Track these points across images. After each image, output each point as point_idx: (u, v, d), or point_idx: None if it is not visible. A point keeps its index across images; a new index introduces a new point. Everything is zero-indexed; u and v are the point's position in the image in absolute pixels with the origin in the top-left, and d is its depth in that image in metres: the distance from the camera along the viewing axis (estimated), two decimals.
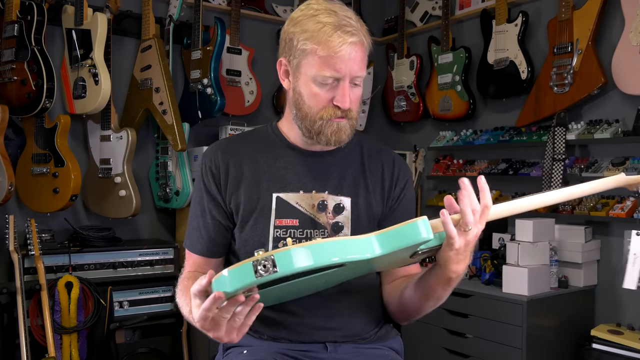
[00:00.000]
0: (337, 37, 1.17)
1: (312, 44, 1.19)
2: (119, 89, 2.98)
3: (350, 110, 1.23)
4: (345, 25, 1.18)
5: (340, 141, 1.25)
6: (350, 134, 1.27)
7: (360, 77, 1.22)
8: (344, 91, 1.20)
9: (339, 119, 1.23)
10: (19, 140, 2.76)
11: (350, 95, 1.21)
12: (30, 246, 2.47)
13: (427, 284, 1.19)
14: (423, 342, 2.82)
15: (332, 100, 1.21)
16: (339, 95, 1.20)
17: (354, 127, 1.27)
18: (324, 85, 1.21)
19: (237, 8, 3.21)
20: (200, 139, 3.22)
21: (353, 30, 1.18)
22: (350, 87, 1.22)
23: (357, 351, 1.27)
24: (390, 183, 1.36)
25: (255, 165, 1.32)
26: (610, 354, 2.39)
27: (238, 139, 1.41)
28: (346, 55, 1.17)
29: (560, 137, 2.74)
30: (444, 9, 3.36)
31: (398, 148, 3.69)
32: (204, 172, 1.33)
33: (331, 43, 1.17)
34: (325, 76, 1.19)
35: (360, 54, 1.20)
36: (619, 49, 2.56)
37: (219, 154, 1.33)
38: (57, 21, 2.77)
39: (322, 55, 1.18)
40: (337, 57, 1.17)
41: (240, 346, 1.29)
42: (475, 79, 3.22)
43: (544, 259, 2.53)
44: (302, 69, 1.23)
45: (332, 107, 1.22)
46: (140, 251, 2.78)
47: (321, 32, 1.18)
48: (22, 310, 2.32)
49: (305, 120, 1.25)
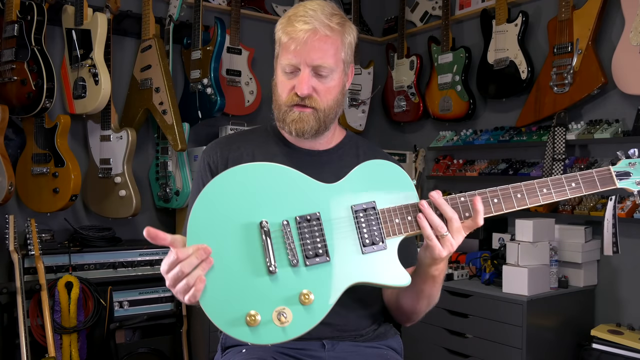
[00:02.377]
0: (294, 25, 1.23)
1: (280, 34, 1.27)
2: (119, 89, 2.98)
3: (312, 100, 1.25)
4: (303, 15, 1.23)
5: (302, 131, 1.27)
6: (315, 125, 1.27)
7: (324, 67, 1.23)
8: (301, 78, 1.23)
9: (299, 107, 1.26)
10: (19, 140, 2.76)
11: (308, 83, 1.23)
12: (30, 246, 2.47)
13: (415, 285, 1.21)
14: (423, 342, 2.82)
15: (294, 87, 1.25)
16: (297, 81, 1.24)
17: (321, 120, 1.28)
18: (288, 73, 1.26)
19: (237, 8, 3.21)
20: (200, 139, 3.22)
21: (308, 19, 1.22)
22: (316, 77, 1.24)
23: (356, 350, 1.27)
24: None
25: (253, 162, 1.32)
26: (610, 354, 2.39)
27: (237, 136, 1.43)
28: (300, 41, 1.21)
29: (560, 137, 2.74)
30: (444, 9, 3.36)
31: (398, 148, 3.69)
32: (202, 168, 1.36)
33: (289, 30, 1.23)
34: (286, 63, 1.24)
35: (319, 43, 1.22)
36: (619, 49, 2.56)
37: (218, 152, 1.36)
38: (57, 21, 2.77)
39: (284, 43, 1.25)
40: (293, 43, 1.22)
41: (239, 345, 1.30)
42: (475, 79, 3.22)
43: (544, 259, 2.53)
44: (278, 60, 1.30)
45: (294, 93, 1.25)
46: (140, 251, 2.78)
47: (288, 22, 1.25)
48: (22, 310, 2.32)
49: (276, 109, 1.31)
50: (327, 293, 1.06)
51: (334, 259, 1.09)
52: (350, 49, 1.31)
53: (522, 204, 1.15)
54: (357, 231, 1.11)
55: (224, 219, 1.07)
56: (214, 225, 1.06)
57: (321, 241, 1.09)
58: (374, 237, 1.11)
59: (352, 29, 1.31)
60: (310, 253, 1.08)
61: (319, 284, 1.06)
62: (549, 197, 1.15)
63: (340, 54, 1.27)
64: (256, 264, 1.06)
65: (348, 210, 1.12)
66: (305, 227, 1.09)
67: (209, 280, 1.03)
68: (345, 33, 1.28)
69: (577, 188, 1.17)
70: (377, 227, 1.12)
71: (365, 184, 1.15)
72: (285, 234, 1.08)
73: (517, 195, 1.16)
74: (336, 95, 1.29)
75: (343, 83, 1.31)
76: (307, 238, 1.09)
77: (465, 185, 3.34)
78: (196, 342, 2.85)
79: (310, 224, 1.10)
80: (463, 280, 2.84)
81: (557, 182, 1.16)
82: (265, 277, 1.05)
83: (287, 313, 1.03)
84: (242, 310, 1.02)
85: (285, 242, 1.07)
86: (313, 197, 1.12)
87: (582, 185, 1.16)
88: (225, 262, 1.05)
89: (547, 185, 1.17)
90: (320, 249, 1.09)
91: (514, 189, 1.16)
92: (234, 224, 1.07)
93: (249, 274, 1.05)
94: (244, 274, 1.05)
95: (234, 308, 1.03)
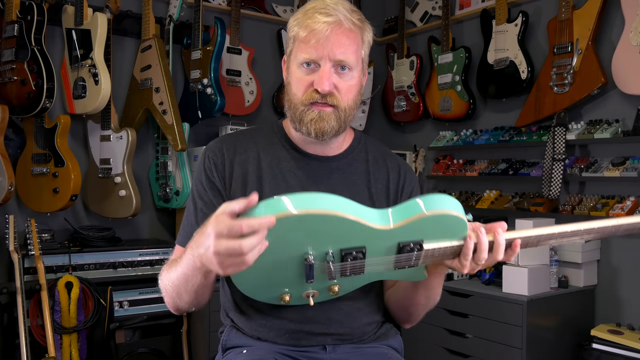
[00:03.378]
0: (315, 17, 1.17)
1: (297, 29, 1.20)
2: (119, 89, 2.98)
3: (334, 97, 1.19)
4: (324, 7, 1.18)
5: (322, 131, 1.20)
6: (336, 125, 1.21)
7: (346, 62, 1.18)
8: (322, 73, 1.17)
9: (320, 106, 1.19)
10: (19, 140, 2.76)
11: (330, 79, 1.17)
12: (30, 246, 2.47)
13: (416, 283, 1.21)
14: (423, 342, 2.82)
15: (312, 83, 1.18)
16: (317, 77, 1.18)
17: (342, 120, 1.21)
18: (306, 69, 1.19)
19: (237, 8, 3.21)
20: (200, 139, 3.22)
21: (331, 12, 1.17)
22: (337, 74, 1.19)
23: (357, 350, 1.26)
24: (396, 193, 1.34)
25: (259, 165, 1.28)
26: (610, 354, 2.39)
27: (242, 136, 1.35)
28: (322, 35, 1.16)
29: (560, 137, 2.74)
30: (444, 9, 3.36)
31: (398, 148, 3.69)
32: (207, 167, 1.28)
33: (309, 23, 1.17)
34: (305, 58, 1.18)
35: (343, 38, 1.17)
36: (619, 49, 2.56)
37: (224, 151, 1.30)
38: (57, 21, 2.77)
39: (303, 37, 1.19)
40: (314, 36, 1.16)
41: (239, 346, 1.29)
42: (475, 79, 3.22)
43: (544, 259, 2.53)
44: (292, 56, 1.23)
45: (313, 90, 1.18)
46: (140, 251, 2.78)
47: (305, 15, 1.19)
48: (22, 310, 2.32)
49: (291, 109, 1.24)
50: (352, 286, 1.16)
51: (367, 272, 1.08)
52: (369, 48, 1.26)
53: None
54: (394, 258, 1.06)
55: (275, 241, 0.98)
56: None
57: (360, 267, 1.06)
58: (409, 262, 1.06)
59: (370, 29, 1.26)
60: (348, 274, 1.07)
61: (348, 283, 1.13)
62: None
63: (360, 52, 1.22)
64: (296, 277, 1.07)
65: (395, 248, 1.05)
66: (348, 257, 1.03)
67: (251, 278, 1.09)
68: (366, 31, 1.23)
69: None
70: (415, 258, 1.06)
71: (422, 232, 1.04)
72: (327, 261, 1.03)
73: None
74: (355, 94, 1.23)
75: (361, 83, 1.25)
76: (348, 265, 1.05)
77: (465, 185, 3.34)
78: (196, 342, 2.85)
79: (353, 255, 1.03)
80: (463, 280, 2.84)
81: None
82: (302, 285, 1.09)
83: (314, 294, 1.13)
84: (276, 292, 1.12)
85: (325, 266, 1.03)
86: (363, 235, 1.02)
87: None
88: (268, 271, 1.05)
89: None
90: (358, 271, 1.07)
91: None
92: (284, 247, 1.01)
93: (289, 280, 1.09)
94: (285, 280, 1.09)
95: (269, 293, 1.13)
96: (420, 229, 1.02)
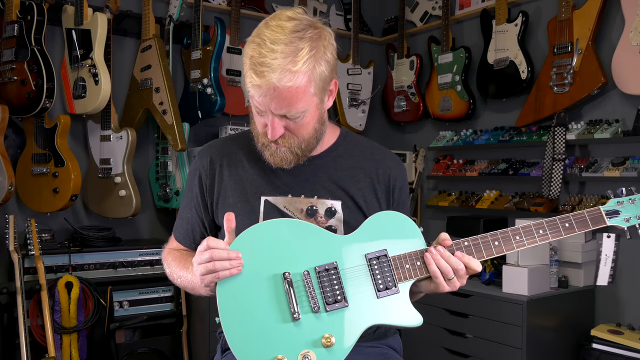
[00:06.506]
0: (250, 75, 1.13)
1: (246, 68, 1.16)
2: (119, 89, 2.98)
3: (285, 139, 1.20)
4: (260, 62, 1.10)
5: (281, 165, 1.24)
6: (294, 159, 1.23)
7: (290, 114, 1.15)
8: (270, 124, 1.17)
9: (275, 144, 1.22)
10: (19, 140, 2.76)
11: (276, 129, 1.17)
12: (30, 246, 2.47)
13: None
14: (423, 342, 2.82)
15: (266, 125, 1.19)
16: (268, 124, 1.18)
17: (302, 149, 1.23)
18: (258, 113, 1.20)
19: (237, 8, 3.21)
20: (200, 139, 3.22)
21: (265, 70, 1.10)
22: (286, 119, 1.17)
23: (356, 349, 1.26)
24: (385, 186, 1.34)
25: (245, 168, 1.32)
26: (610, 354, 2.39)
27: (230, 140, 1.40)
28: (262, 93, 1.13)
29: (560, 137, 2.74)
30: (444, 8, 3.36)
31: (398, 148, 3.69)
32: (194, 173, 1.37)
33: (250, 77, 1.13)
34: (255, 105, 1.18)
35: (280, 99, 1.12)
36: (619, 49, 2.56)
37: (211, 159, 1.35)
38: (57, 21, 2.78)
39: (247, 83, 1.16)
40: (255, 92, 1.14)
41: None
42: (475, 79, 3.22)
43: (544, 259, 2.53)
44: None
45: (266, 134, 1.21)
46: (140, 251, 2.78)
47: (249, 61, 1.14)
48: (22, 310, 2.32)
49: (254, 137, 1.27)
50: (346, 335, 1.15)
51: (352, 304, 1.16)
52: (324, 76, 1.17)
53: (520, 245, 1.22)
54: (372, 278, 1.18)
55: (251, 272, 1.15)
56: (243, 278, 1.14)
57: (339, 288, 1.16)
58: (387, 283, 1.18)
59: (325, 49, 1.16)
60: (330, 299, 1.15)
61: (339, 327, 1.15)
62: (545, 238, 1.23)
63: (309, 93, 1.15)
64: (282, 312, 1.14)
65: (362, 259, 1.20)
66: (324, 276, 1.17)
67: (240, 325, 1.12)
68: (316, 64, 1.13)
69: (570, 228, 1.23)
70: (389, 273, 1.19)
71: (376, 234, 1.22)
72: (307, 283, 1.15)
73: (516, 238, 1.22)
74: (312, 127, 1.22)
75: (320, 113, 1.22)
76: (327, 286, 1.16)
77: (465, 186, 3.34)
78: (196, 342, 2.85)
79: (328, 273, 1.17)
80: None
81: (552, 224, 1.23)
82: (290, 324, 1.13)
83: (311, 356, 1.12)
84: (270, 354, 1.11)
85: (307, 291, 1.15)
86: (330, 248, 1.20)
87: (575, 225, 1.23)
88: (254, 310, 1.13)
89: (543, 227, 1.23)
90: (339, 295, 1.16)
91: (513, 232, 1.23)
92: (260, 276, 1.15)
93: (276, 321, 1.13)
94: (271, 321, 1.13)
95: (262, 353, 1.12)
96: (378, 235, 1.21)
